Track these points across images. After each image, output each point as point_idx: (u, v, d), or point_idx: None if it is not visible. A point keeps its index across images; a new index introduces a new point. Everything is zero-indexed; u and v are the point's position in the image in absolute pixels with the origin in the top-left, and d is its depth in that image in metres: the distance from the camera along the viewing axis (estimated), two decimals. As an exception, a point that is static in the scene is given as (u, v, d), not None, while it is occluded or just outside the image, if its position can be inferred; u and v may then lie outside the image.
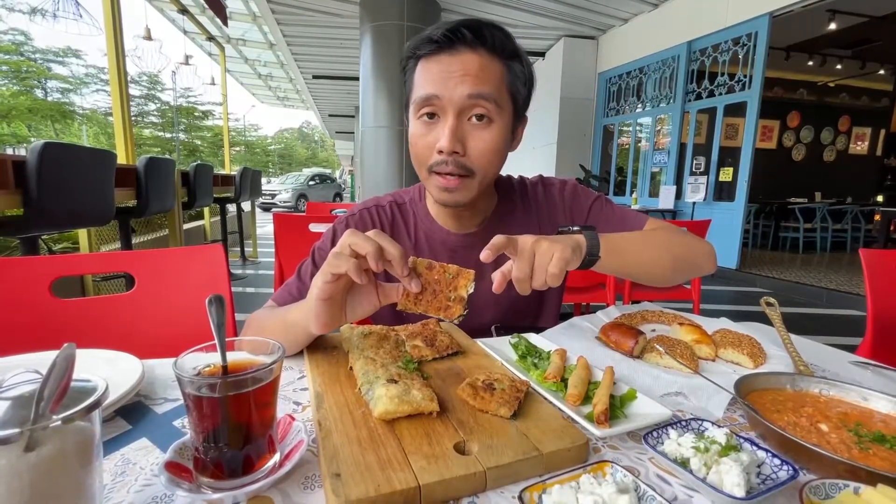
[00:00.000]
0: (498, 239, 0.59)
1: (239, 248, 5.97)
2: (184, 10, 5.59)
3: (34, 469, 0.30)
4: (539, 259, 0.60)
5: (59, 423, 0.30)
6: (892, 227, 5.05)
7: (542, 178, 0.97)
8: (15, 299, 0.85)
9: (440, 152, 0.74)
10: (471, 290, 0.60)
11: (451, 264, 0.61)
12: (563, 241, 0.62)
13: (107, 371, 0.58)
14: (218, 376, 0.42)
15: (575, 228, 0.70)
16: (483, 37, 0.73)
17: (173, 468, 0.40)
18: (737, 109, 5.45)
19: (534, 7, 6.06)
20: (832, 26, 5.96)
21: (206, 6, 5.16)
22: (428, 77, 0.74)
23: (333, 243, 0.87)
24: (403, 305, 0.61)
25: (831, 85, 8.59)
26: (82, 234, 2.89)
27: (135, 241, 3.66)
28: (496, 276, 0.61)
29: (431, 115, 0.75)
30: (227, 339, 0.44)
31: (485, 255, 0.58)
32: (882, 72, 8.20)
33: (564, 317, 0.89)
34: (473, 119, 0.74)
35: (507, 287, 0.91)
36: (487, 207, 0.91)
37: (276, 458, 0.43)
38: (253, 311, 0.78)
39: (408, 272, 0.59)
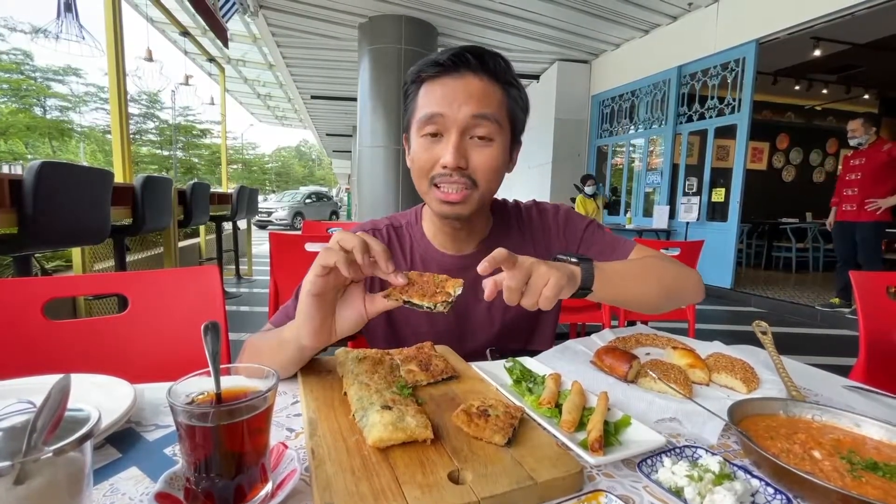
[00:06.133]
0: (499, 252, 0.59)
1: (234, 266, 5.95)
2: (185, 33, 5.69)
3: (23, 502, 0.29)
4: (535, 280, 0.61)
5: (51, 454, 0.30)
6: (883, 247, 5.11)
7: (536, 202, 0.99)
8: (7, 321, 0.84)
9: (444, 167, 0.77)
10: (458, 292, 0.60)
11: (442, 274, 0.63)
12: (561, 269, 0.63)
13: (98, 397, 0.58)
14: (212, 405, 0.41)
15: (573, 260, 0.71)
16: (486, 63, 0.77)
17: (164, 499, 0.39)
18: (727, 131, 5.56)
19: (528, 32, 6.22)
20: (817, 53, 6.15)
21: (207, 28, 5.26)
22: (432, 98, 0.77)
23: None
24: (389, 293, 0.62)
25: (818, 108, 8.81)
26: (76, 252, 2.87)
27: (129, 258, 3.64)
28: (488, 283, 0.60)
29: (434, 134, 0.78)
30: (221, 367, 0.44)
31: (482, 266, 0.59)
32: (867, 96, 8.42)
33: (560, 336, 0.89)
34: (476, 138, 0.77)
35: (502, 308, 0.92)
36: (483, 229, 0.93)
37: (269, 487, 0.42)
38: (246, 329, 0.78)
39: (392, 269, 0.60)
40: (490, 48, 0.79)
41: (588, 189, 5.92)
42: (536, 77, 7.93)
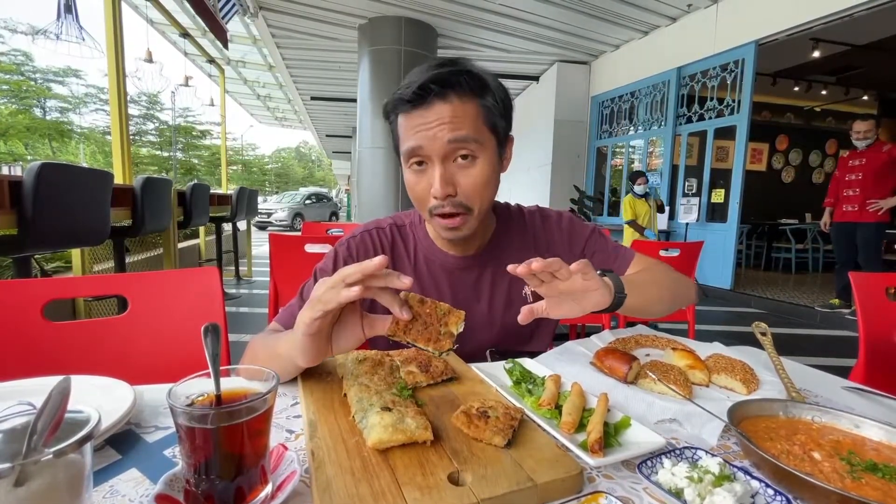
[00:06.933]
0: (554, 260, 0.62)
1: (234, 268, 5.95)
2: (185, 34, 5.70)
3: (23, 504, 0.29)
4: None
5: (51, 456, 0.30)
6: (883, 248, 5.11)
7: (539, 208, 1.00)
8: (7, 322, 0.84)
9: (435, 198, 0.78)
10: (460, 329, 0.60)
11: (443, 302, 0.62)
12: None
13: (98, 398, 0.58)
14: (212, 407, 0.41)
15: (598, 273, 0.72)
16: (449, 85, 0.75)
17: (163, 501, 0.39)
18: (726, 132, 5.57)
19: (528, 34, 6.23)
20: (816, 54, 6.16)
21: (207, 29, 5.26)
22: (410, 131, 0.78)
23: (335, 265, 0.88)
24: (392, 332, 0.60)
25: (817, 109, 8.82)
26: (75, 253, 2.87)
27: (128, 259, 3.64)
28: (524, 310, 0.66)
29: (420, 163, 0.79)
30: (221, 368, 0.44)
31: (516, 268, 0.61)
32: (865, 97, 8.43)
33: (560, 338, 0.89)
34: (459, 160, 0.77)
35: (502, 309, 0.92)
36: (486, 232, 0.93)
37: (269, 489, 0.42)
38: (246, 331, 0.78)
39: (399, 306, 0.59)
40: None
41: (638, 188, 4.94)
42: (536, 78, 7.94)
